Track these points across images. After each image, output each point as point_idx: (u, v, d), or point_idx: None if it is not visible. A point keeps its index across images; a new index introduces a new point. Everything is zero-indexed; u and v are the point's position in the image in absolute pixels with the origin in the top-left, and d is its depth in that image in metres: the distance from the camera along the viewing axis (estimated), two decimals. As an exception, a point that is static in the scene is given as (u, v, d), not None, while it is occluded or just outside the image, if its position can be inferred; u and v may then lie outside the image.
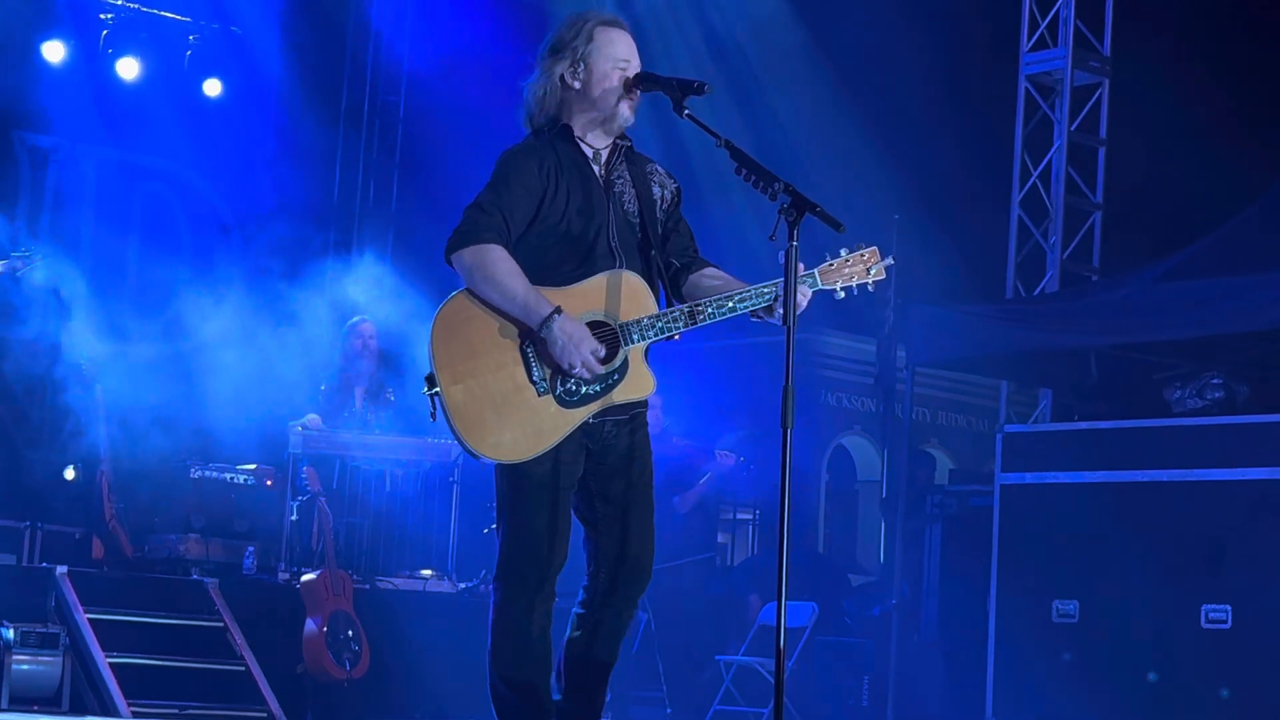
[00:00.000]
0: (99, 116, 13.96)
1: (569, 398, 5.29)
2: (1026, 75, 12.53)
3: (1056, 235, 12.33)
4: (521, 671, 5.37)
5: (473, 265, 5.26)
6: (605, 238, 5.39)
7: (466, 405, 5.24)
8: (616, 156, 5.52)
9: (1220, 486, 9.45)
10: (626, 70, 5.43)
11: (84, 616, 9.65)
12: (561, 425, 5.28)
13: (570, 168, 5.42)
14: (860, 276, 5.44)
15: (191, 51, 14.18)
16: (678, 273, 5.53)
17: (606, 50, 5.44)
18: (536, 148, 5.44)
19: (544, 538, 5.33)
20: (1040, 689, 10.00)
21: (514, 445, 5.26)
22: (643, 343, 5.33)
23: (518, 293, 5.23)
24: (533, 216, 5.34)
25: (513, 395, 5.25)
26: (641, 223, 5.48)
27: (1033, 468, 10.26)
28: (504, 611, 5.37)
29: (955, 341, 10.91)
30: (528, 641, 5.37)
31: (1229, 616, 9.32)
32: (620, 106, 5.42)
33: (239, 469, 11.35)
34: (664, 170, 5.65)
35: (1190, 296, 9.79)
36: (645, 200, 5.50)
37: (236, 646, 10.00)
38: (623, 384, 5.34)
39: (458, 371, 5.25)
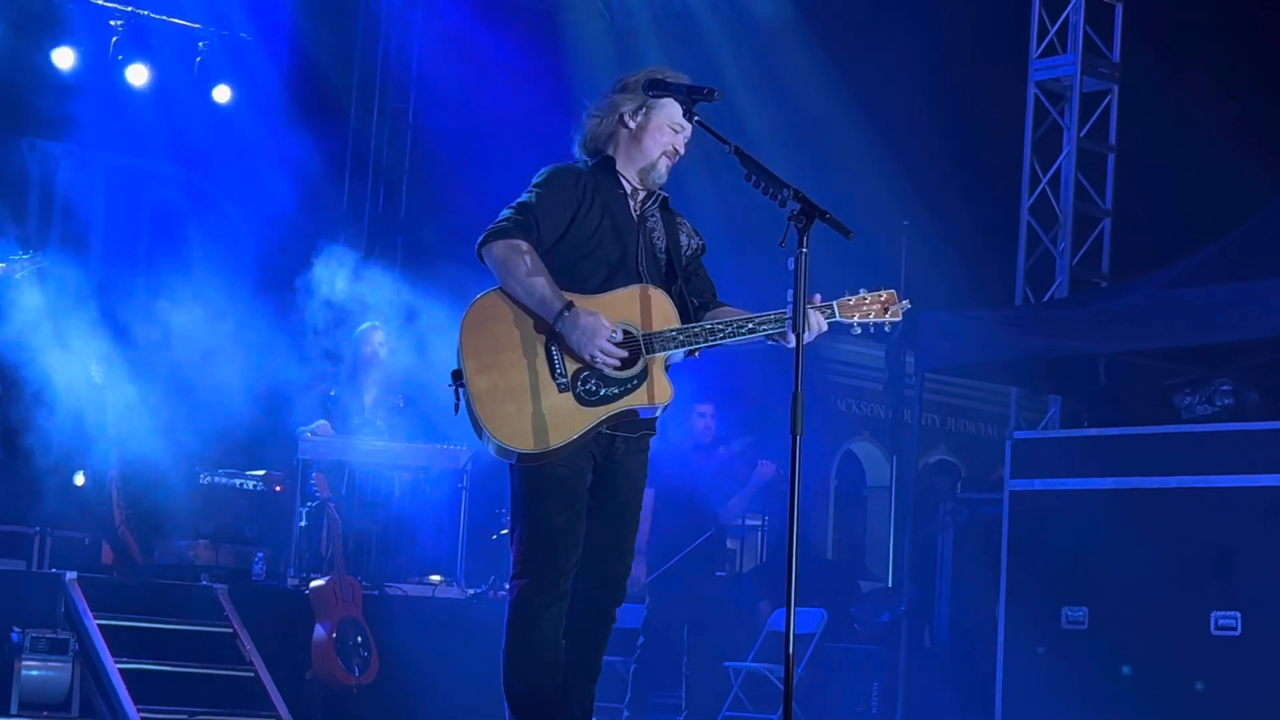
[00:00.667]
0: (109, 123, 13.98)
1: (588, 397, 5.43)
2: (1035, 81, 12.53)
3: (1066, 241, 12.32)
4: (536, 670, 5.50)
5: (500, 259, 5.43)
6: (634, 260, 5.57)
7: (489, 395, 5.41)
8: (652, 201, 5.72)
9: (1230, 493, 9.43)
10: (679, 136, 5.64)
11: (94, 622, 9.65)
12: (579, 422, 5.42)
13: (606, 193, 5.62)
14: (877, 315, 5.63)
15: (201, 58, 14.20)
16: (697, 310, 5.69)
17: (670, 109, 5.62)
18: (577, 168, 5.67)
19: (561, 538, 5.48)
20: (1049, 696, 9.98)
21: (530, 435, 5.40)
22: (664, 354, 5.48)
23: (537, 286, 5.39)
24: (564, 229, 5.54)
25: (534, 389, 5.41)
26: (668, 259, 5.68)
27: (1042, 474, 10.25)
28: (520, 611, 5.49)
29: (964, 347, 10.91)
30: (542, 641, 5.49)
31: (1239, 623, 9.31)
32: (660, 162, 5.64)
33: (248, 475, 11.36)
34: (692, 226, 5.84)
35: (1200, 303, 9.78)
36: (673, 242, 5.72)
37: (245, 652, 9.99)
38: (640, 390, 5.48)
39: (483, 362, 5.43)
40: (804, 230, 5.06)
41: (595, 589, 5.62)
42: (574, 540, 5.51)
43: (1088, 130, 12.43)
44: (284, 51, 14.50)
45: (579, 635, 5.61)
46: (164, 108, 14.14)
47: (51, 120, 13.98)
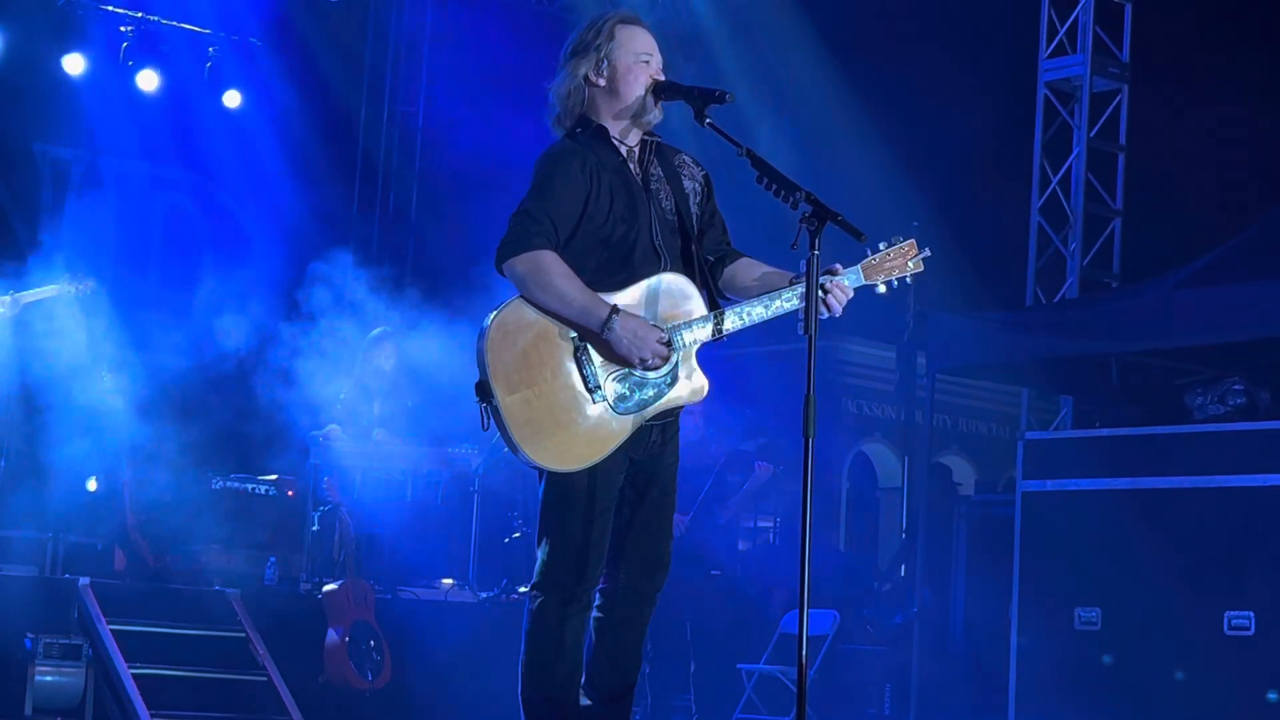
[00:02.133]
0: (120, 128, 14.01)
1: (623, 403, 5.28)
2: (1046, 82, 12.52)
3: (1076, 242, 12.31)
4: (555, 681, 5.38)
5: (526, 273, 5.22)
6: (649, 236, 5.38)
7: (524, 415, 5.21)
8: (648, 153, 5.51)
9: (1242, 493, 9.42)
10: (650, 64, 5.44)
11: (107, 628, 9.67)
12: (619, 431, 5.28)
13: (609, 169, 5.40)
14: (900, 270, 5.48)
15: (211, 63, 14.23)
16: (712, 267, 5.52)
17: (629, 45, 5.44)
18: (575, 149, 5.41)
19: (587, 549, 5.33)
20: (1063, 696, 9.97)
21: (574, 453, 5.25)
22: (695, 345, 5.32)
23: (575, 297, 5.20)
24: (579, 217, 5.32)
25: (570, 403, 5.24)
26: (680, 222, 5.48)
27: (1054, 475, 10.24)
28: (540, 620, 5.37)
29: (976, 348, 10.90)
30: (562, 651, 5.36)
31: (1252, 623, 9.30)
32: (648, 99, 5.42)
33: (260, 479, 11.37)
34: (691, 159, 5.64)
35: (1211, 302, 9.77)
36: (680, 196, 5.49)
37: (258, 657, 10.01)
38: (676, 387, 5.33)
39: (513, 381, 5.22)
40: (816, 233, 5.03)
41: (639, 578, 5.47)
42: (600, 552, 5.36)
43: (1098, 130, 12.41)
44: (294, 56, 14.52)
45: (621, 624, 5.47)
46: (175, 113, 14.17)
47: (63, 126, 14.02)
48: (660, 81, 5.45)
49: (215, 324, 11.88)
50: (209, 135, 14.22)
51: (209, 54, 14.23)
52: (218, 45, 14.24)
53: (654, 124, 5.49)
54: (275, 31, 14.42)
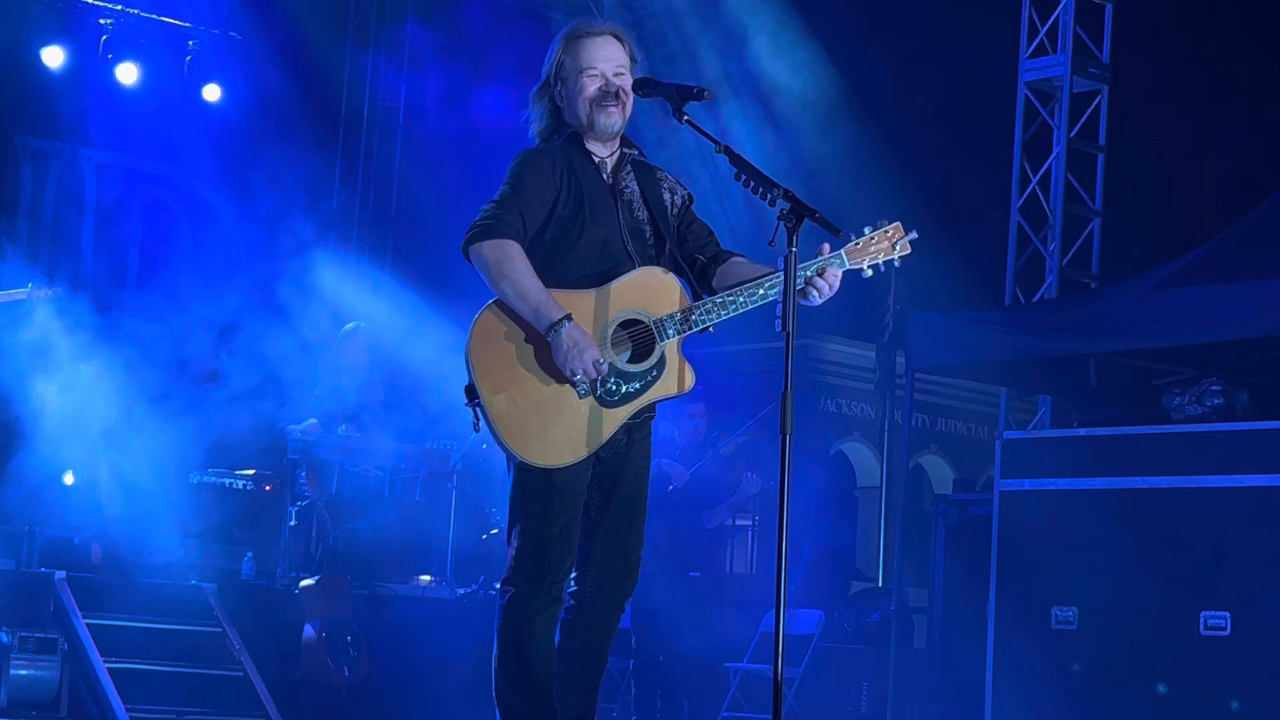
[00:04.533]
0: (99, 121, 13.99)
1: (609, 397, 5.31)
2: (1026, 82, 12.52)
3: (1055, 242, 12.32)
4: (528, 676, 5.40)
5: (490, 260, 5.27)
6: (619, 240, 5.42)
7: (510, 413, 5.26)
8: (624, 166, 5.56)
9: (1220, 493, 9.44)
10: (597, 77, 5.46)
11: (83, 622, 9.64)
12: (606, 425, 5.31)
13: (580, 171, 5.45)
14: (886, 253, 5.46)
15: (191, 57, 14.20)
16: (704, 267, 5.53)
17: (576, 60, 5.48)
18: (548, 151, 5.48)
19: (556, 544, 5.36)
20: (1039, 696, 9.99)
21: (560, 449, 5.28)
22: (678, 336, 5.34)
23: (530, 293, 5.24)
24: (547, 217, 5.38)
25: (554, 399, 5.27)
26: (653, 228, 5.51)
27: (1032, 474, 10.25)
28: (512, 616, 5.40)
29: (955, 348, 10.91)
30: (534, 646, 5.40)
31: (1228, 623, 9.31)
32: (596, 114, 5.45)
33: (237, 474, 11.34)
34: (674, 178, 5.68)
35: (1189, 303, 9.79)
36: (655, 205, 5.53)
37: (235, 652, 9.99)
38: (662, 379, 5.36)
39: (498, 380, 5.27)
40: (794, 230, 5.03)
41: (607, 582, 5.50)
42: (568, 546, 5.39)
43: (1078, 130, 12.42)
44: (274, 50, 14.50)
45: (589, 628, 5.51)
46: (154, 106, 14.14)
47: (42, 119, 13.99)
48: (639, 78, 5.48)
49: (193, 317, 11.85)
50: (188, 129, 14.20)
51: (189, 47, 14.20)
52: (197, 39, 14.22)
53: (612, 132, 5.50)
54: (255, 25, 14.39)
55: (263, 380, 11.24)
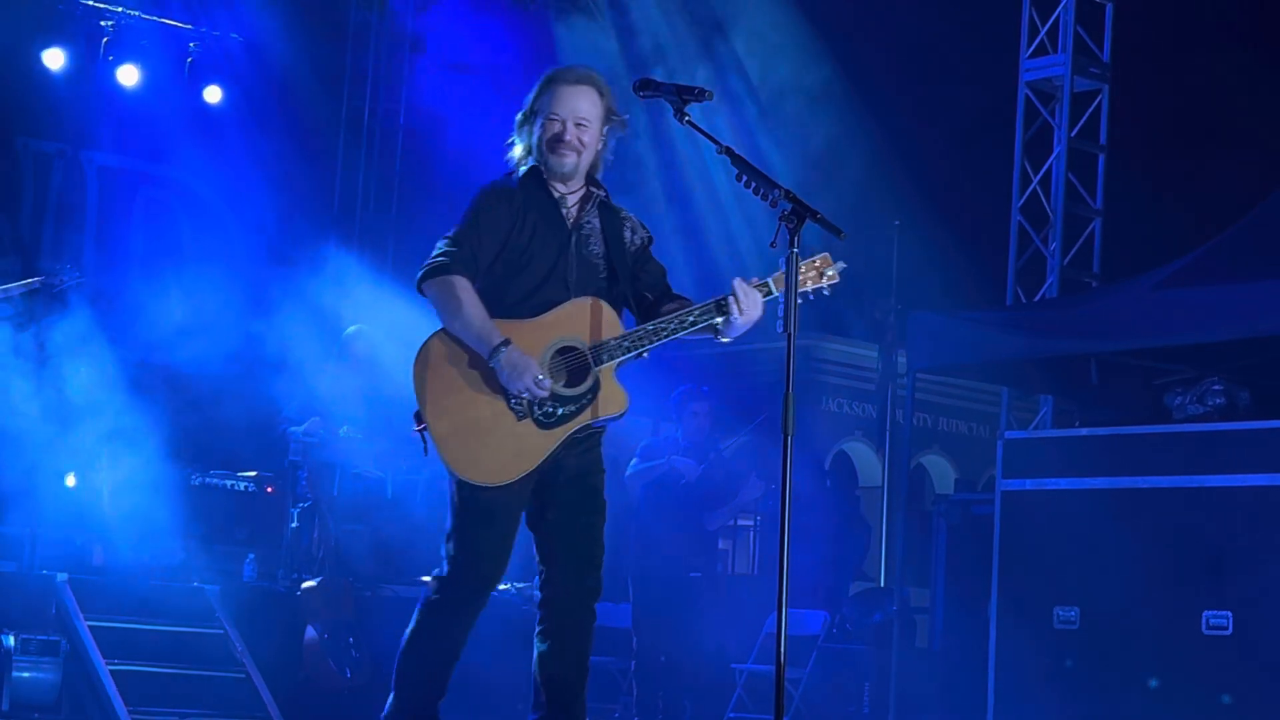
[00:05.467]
0: (100, 123, 13.99)
1: (547, 420, 5.58)
2: (1026, 82, 12.53)
3: (1056, 242, 12.33)
4: (438, 665, 5.83)
5: (439, 296, 5.63)
6: (562, 272, 5.70)
7: (452, 436, 5.58)
8: (589, 204, 5.80)
9: (1221, 493, 9.44)
10: (556, 124, 5.72)
11: (85, 624, 9.64)
12: (543, 446, 5.58)
13: (537, 208, 5.72)
14: (814, 281, 5.66)
15: (192, 59, 14.20)
16: (651, 305, 5.79)
17: (547, 104, 5.75)
18: (507, 187, 5.76)
19: (487, 557, 5.71)
20: (1041, 695, 9.99)
21: (501, 469, 5.58)
22: (612, 362, 5.60)
23: (473, 323, 5.56)
24: (499, 249, 5.67)
25: (494, 422, 5.57)
26: (608, 263, 5.77)
27: (1034, 474, 10.25)
28: (435, 611, 5.78)
29: (956, 348, 10.91)
30: (450, 638, 5.79)
31: (1230, 623, 9.31)
32: (548, 158, 5.73)
33: (239, 476, 11.34)
34: (637, 219, 5.94)
35: (1190, 303, 9.78)
36: (614, 243, 5.80)
37: (237, 654, 9.99)
38: (596, 403, 5.62)
39: (441, 405, 5.59)
40: (795, 230, 5.06)
41: (569, 580, 5.73)
42: (501, 557, 5.72)
43: (1078, 130, 12.43)
44: (276, 52, 14.50)
45: (561, 630, 5.72)
46: (155, 108, 14.14)
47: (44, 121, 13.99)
48: (640, 79, 5.54)
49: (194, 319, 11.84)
50: (189, 131, 14.20)
51: (189, 50, 14.21)
52: (198, 41, 14.22)
53: (562, 174, 5.76)
54: (256, 28, 14.39)
55: (264, 382, 11.24)
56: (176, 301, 12.12)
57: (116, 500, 10.91)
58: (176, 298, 12.22)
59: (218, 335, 11.72)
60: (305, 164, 14.32)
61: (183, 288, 12.54)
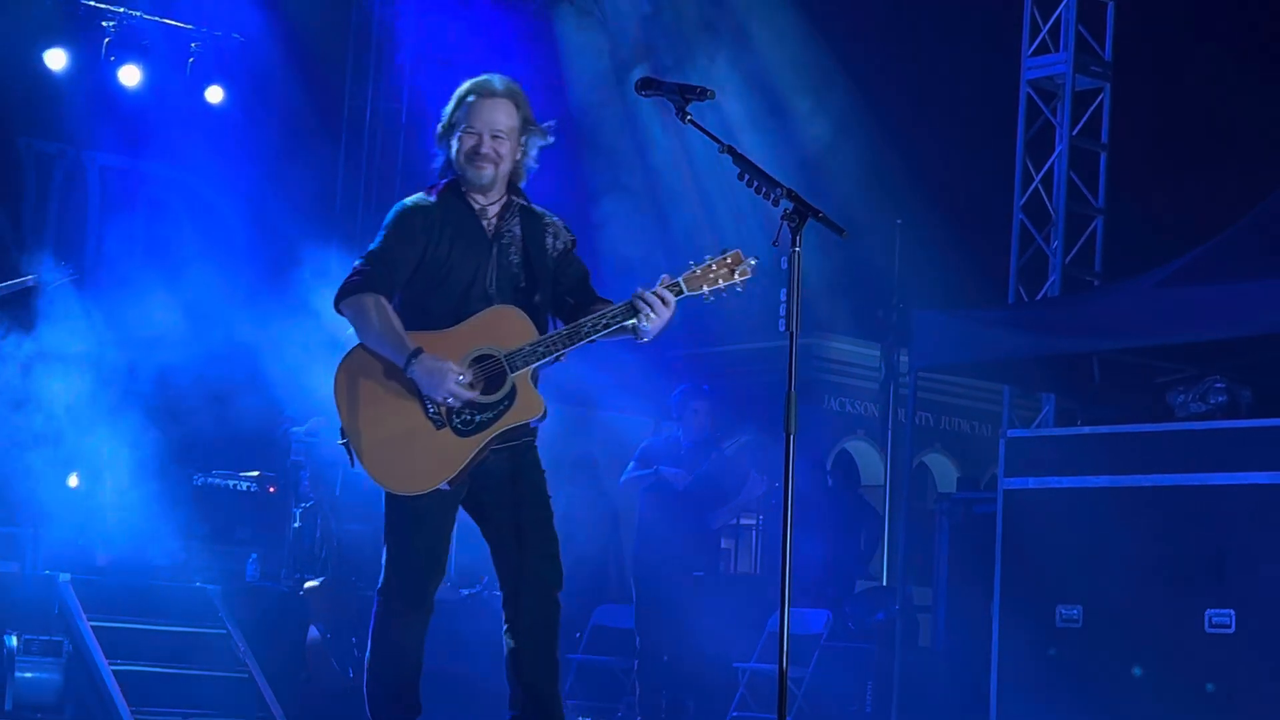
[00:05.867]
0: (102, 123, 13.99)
1: (465, 427, 5.69)
2: (1028, 80, 12.52)
3: (1058, 240, 12.32)
4: (397, 676, 5.92)
5: (352, 315, 5.77)
6: (482, 282, 5.83)
7: (374, 448, 5.73)
8: (509, 213, 5.92)
9: (1224, 491, 9.43)
10: (474, 137, 5.86)
11: (87, 624, 9.65)
12: (463, 453, 5.70)
13: (455, 220, 5.85)
14: (726, 279, 5.74)
15: (194, 59, 14.20)
16: (574, 309, 5.89)
17: (466, 118, 5.91)
18: (423, 202, 5.92)
19: (421, 562, 5.89)
20: (1044, 694, 9.98)
21: (422, 476, 5.72)
22: (528, 368, 5.70)
23: (387, 338, 5.69)
24: (417, 263, 5.81)
25: (414, 432, 5.69)
26: (528, 271, 5.89)
27: (1036, 472, 10.25)
28: (384, 624, 5.91)
29: (958, 346, 10.90)
30: (403, 651, 5.91)
31: (1233, 621, 9.31)
32: (467, 170, 5.88)
33: (242, 476, 11.34)
34: (560, 223, 6.04)
35: (1192, 301, 9.78)
36: (535, 249, 5.91)
37: (240, 654, 9.99)
38: (513, 409, 5.71)
39: (362, 417, 5.75)
40: (797, 229, 5.07)
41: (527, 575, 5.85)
42: (433, 562, 5.89)
43: (1080, 129, 12.42)
44: (277, 52, 14.50)
45: (529, 628, 5.83)
46: (157, 108, 14.15)
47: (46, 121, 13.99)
48: (642, 78, 5.54)
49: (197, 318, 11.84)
50: (191, 131, 14.20)
51: (191, 49, 14.21)
52: (200, 41, 14.22)
53: (480, 185, 5.88)
54: (257, 27, 14.40)
55: (266, 382, 11.24)
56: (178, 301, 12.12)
57: (119, 500, 10.91)
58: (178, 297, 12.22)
59: (220, 335, 11.72)
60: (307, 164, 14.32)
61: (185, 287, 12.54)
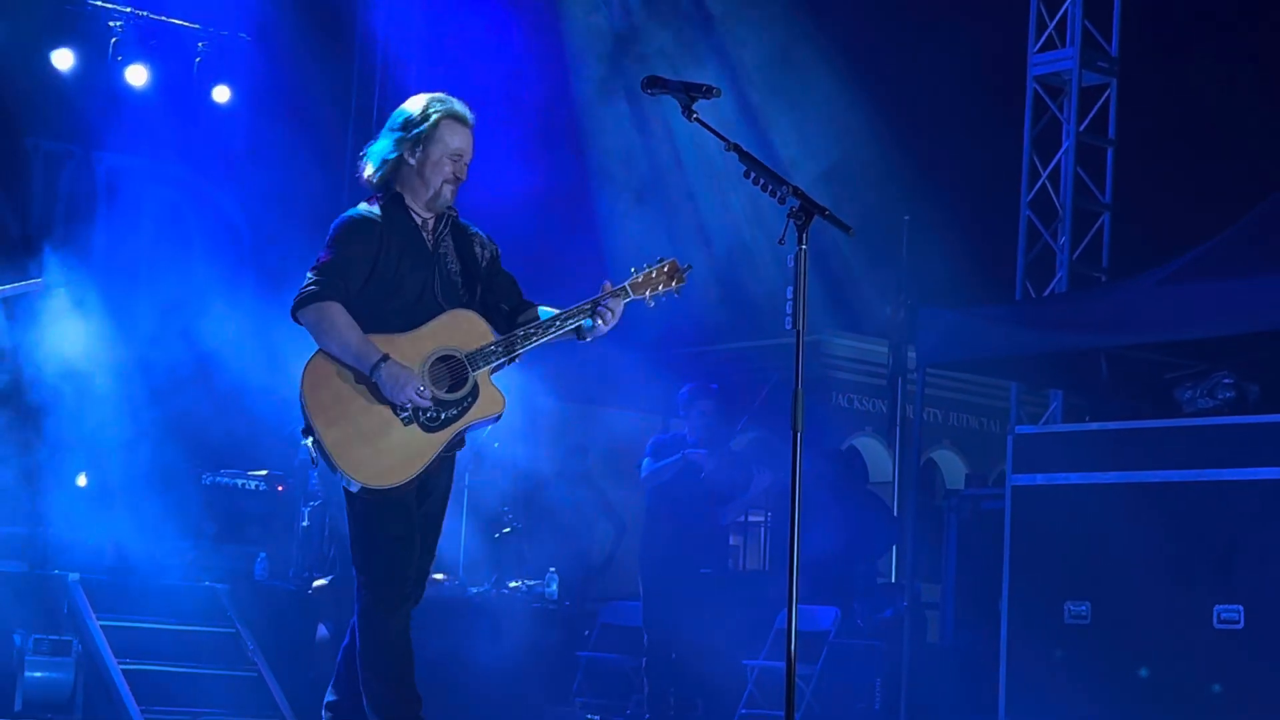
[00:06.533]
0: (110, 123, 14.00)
1: (431, 423, 5.94)
2: (1035, 76, 12.52)
3: (1065, 236, 12.32)
4: (393, 669, 6.08)
5: (313, 322, 5.97)
6: (432, 291, 6.08)
7: (343, 443, 5.89)
8: (443, 226, 6.21)
9: (1232, 486, 9.43)
10: (458, 163, 6.11)
11: (96, 623, 9.66)
12: (429, 448, 5.95)
13: (400, 232, 6.07)
14: (665, 285, 6.11)
15: (200, 58, 14.21)
16: (509, 314, 6.22)
17: (446, 140, 6.14)
18: (370, 214, 6.11)
19: (398, 547, 6.04)
20: (1053, 690, 9.98)
21: (391, 471, 5.91)
22: (488, 367, 5.99)
23: (351, 343, 5.90)
24: (368, 273, 6.01)
25: (383, 428, 5.90)
26: (464, 278, 6.17)
27: (1044, 469, 10.24)
28: (369, 618, 6.08)
29: (965, 343, 10.90)
30: (390, 641, 6.07)
31: (1241, 617, 9.31)
32: (444, 190, 6.14)
33: (250, 475, 11.35)
34: (485, 235, 6.34)
35: (1200, 297, 9.78)
36: (467, 260, 6.20)
37: (249, 653, 10.01)
38: (477, 405, 5.99)
39: (330, 417, 5.91)
40: (803, 227, 5.08)
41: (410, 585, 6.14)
42: (410, 548, 6.05)
43: (1087, 124, 12.42)
44: (283, 51, 14.50)
45: None
46: (164, 108, 14.15)
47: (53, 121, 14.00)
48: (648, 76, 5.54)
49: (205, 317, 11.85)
50: (198, 130, 14.21)
51: (198, 49, 14.21)
52: (207, 40, 14.22)
53: (445, 206, 6.15)
54: (264, 26, 14.40)
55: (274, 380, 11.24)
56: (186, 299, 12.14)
57: (127, 500, 10.92)
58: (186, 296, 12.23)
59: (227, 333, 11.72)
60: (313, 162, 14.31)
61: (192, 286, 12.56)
